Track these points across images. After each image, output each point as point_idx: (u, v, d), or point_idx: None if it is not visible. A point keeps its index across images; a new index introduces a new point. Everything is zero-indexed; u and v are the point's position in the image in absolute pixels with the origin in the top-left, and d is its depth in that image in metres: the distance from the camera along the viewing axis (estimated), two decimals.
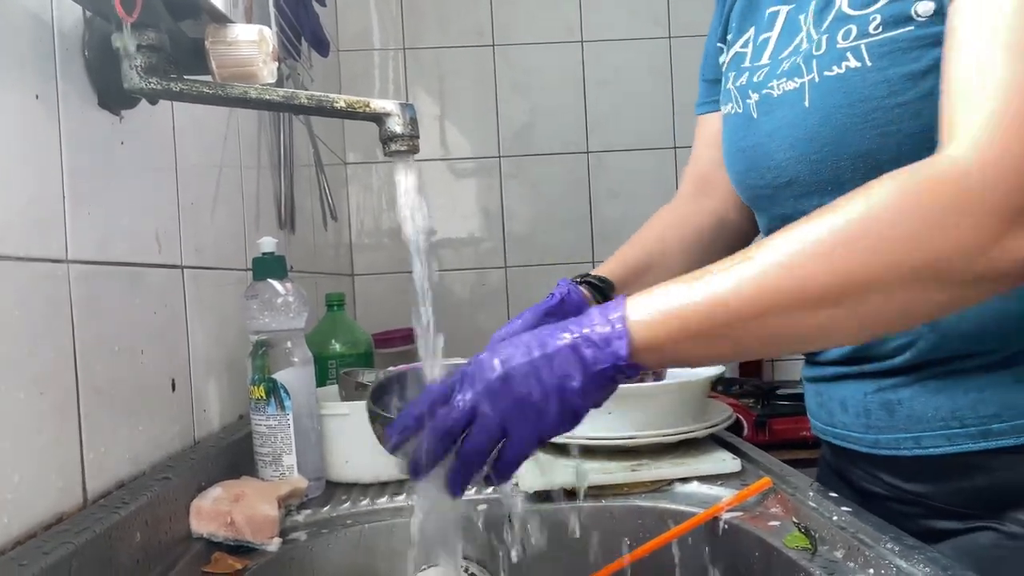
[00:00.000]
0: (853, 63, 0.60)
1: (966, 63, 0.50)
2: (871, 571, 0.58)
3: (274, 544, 0.72)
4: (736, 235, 0.89)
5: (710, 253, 0.84)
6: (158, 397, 0.76)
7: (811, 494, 0.73)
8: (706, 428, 0.90)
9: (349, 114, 0.59)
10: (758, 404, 1.69)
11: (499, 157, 2.10)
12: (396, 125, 0.58)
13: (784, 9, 0.71)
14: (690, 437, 0.88)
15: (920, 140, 0.57)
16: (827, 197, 0.62)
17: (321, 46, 1.43)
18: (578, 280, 0.78)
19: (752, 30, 0.76)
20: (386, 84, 2.09)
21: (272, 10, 1.17)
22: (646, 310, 0.52)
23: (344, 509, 0.82)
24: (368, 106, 0.59)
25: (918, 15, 0.57)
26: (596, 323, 0.52)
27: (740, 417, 1.60)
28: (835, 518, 0.66)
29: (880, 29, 0.59)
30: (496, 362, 0.52)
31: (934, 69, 0.56)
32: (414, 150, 0.59)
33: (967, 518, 0.67)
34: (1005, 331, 0.63)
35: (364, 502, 0.84)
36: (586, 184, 2.12)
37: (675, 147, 2.11)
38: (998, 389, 0.63)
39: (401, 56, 2.08)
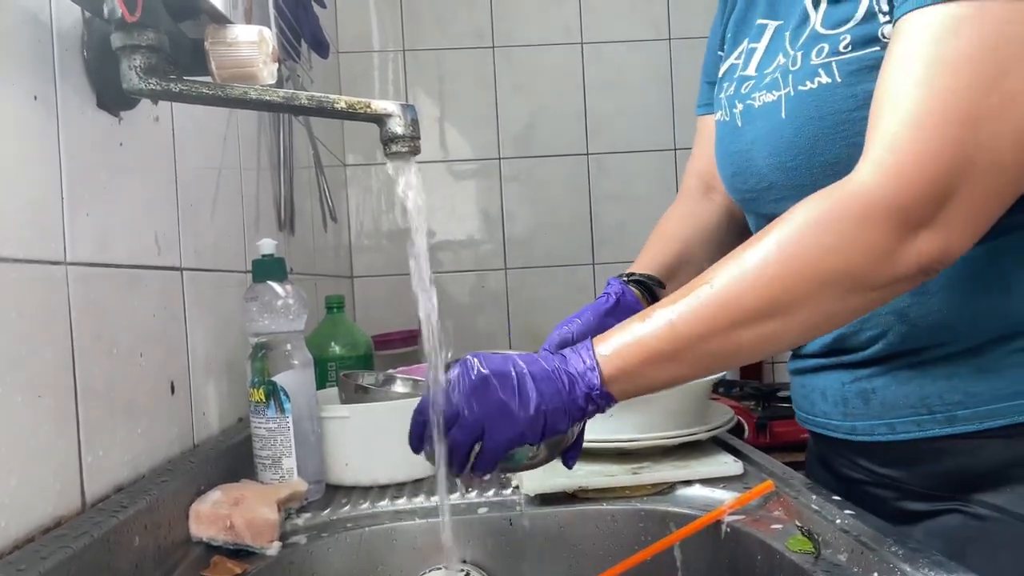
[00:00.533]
0: (824, 79, 0.65)
1: (881, 90, 0.57)
2: (875, 575, 0.58)
3: (274, 548, 0.72)
4: (743, 228, 0.90)
5: (724, 246, 0.86)
6: (157, 400, 0.76)
7: (814, 497, 0.72)
8: (707, 431, 0.89)
9: (350, 115, 0.59)
10: (759, 406, 1.68)
11: (499, 159, 2.10)
12: (397, 126, 0.58)
13: (772, 24, 0.75)
14: (692, 440, 0.88)
15: None
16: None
17: (321, 48, 1.43)
18: (625, 279, 0.82)
19: (745, 41, 0.79)
20: (386, 86, 2.09)
21: (272, 11, 1.16)
22: (611, 345, 0.60)
23: (344, 512, 0.82)
24: (369, 107, 0.59)
25: (884, 37, 0.61)
26: (571, 360, 0.61)
27: (741, 420, 1.59)
28: (838, 521, 0.65)
29: (850, 48, 0.64)
30: (483, 369, 0.60)
31: None
32: (415, 151, 0.59)
33: (936, 499, 0.71)
34: (969, 324, 0.66)
35: (364, 505, 0.83)
36: (586, 186, 2.12)
37: (675, 149, 2.11)
38: (962, 378, 0.67)
39: (401, 58, 2.08)
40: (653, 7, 2.11)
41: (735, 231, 0.91)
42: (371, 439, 0.89)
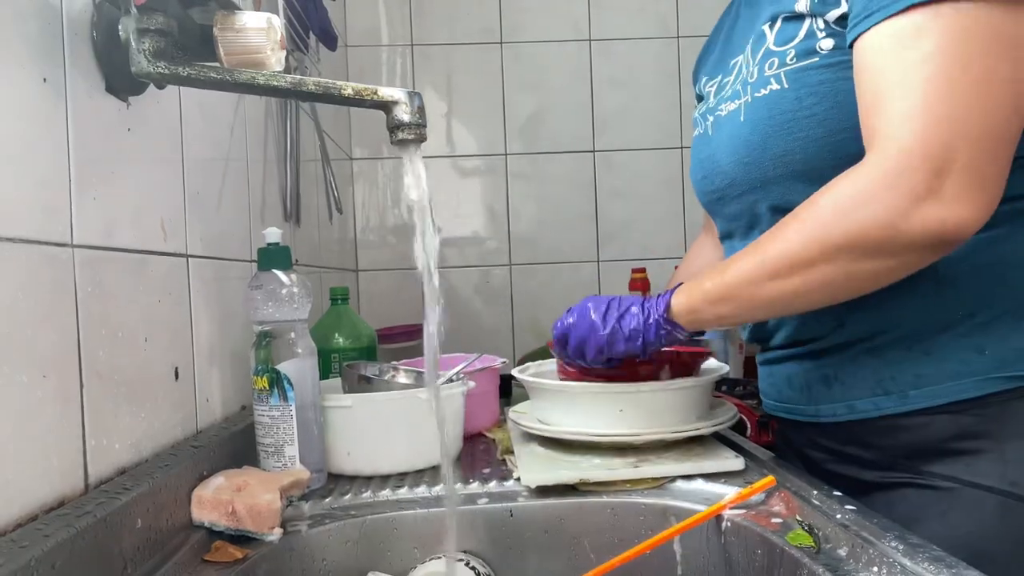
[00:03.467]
0: (775, 86, 0.77)
1: (868, 97, 0.66)
2: (875, 569, 0.57)
3: (275, 534, 0.72)
4: None
5: None
6: (161, 385, 0.76)
7: (815, 492, 0.72)
8: (710, 426, 0.89)
9: (356, 101, 0.59)
10: (761, 405, 1.68)
11: (505, 155, 2.10)
12: (403, 113, 0.58)
13: (740, 59, 0.87)
14: (694, 435, 0.88)
15: (823, 143, 0.74)
16: (758, 193, 0.82)
17: (329, 40, 1.43)
18: None
19: (719, 76, 0.92)
20: (393, 80, 2.09)
21: (281, 2, 1.17)
22: (682, 288, 0.79)
23: (345, 501, 0.82)
24: (376, 94, 0.59)
25: (821, 49, 0.74)
26: (652, 299, 0.81)
27: (743, 417, 1.59)
28: (838, 516, 0.65)
29: (794, 59, 0.76)
30: (587, 307, 0.84)
31: (834, 88, 0.73)
32: (421, 138, 0.59)
33: (892, 470, 0.79)
34: (916, 311, 0.75)
35: (366, 494, 0.83)
36: (592, 183, 2.11)
37: (682, 147, 2.11)
38: (913, 362, 0.75)
39: (409, 52, 2.08)
40: (661, 5, 2.11)
41: None
42: (373, 429, 0.89)
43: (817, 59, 0.74)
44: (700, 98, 1.00)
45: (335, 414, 0.89)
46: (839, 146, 0.73)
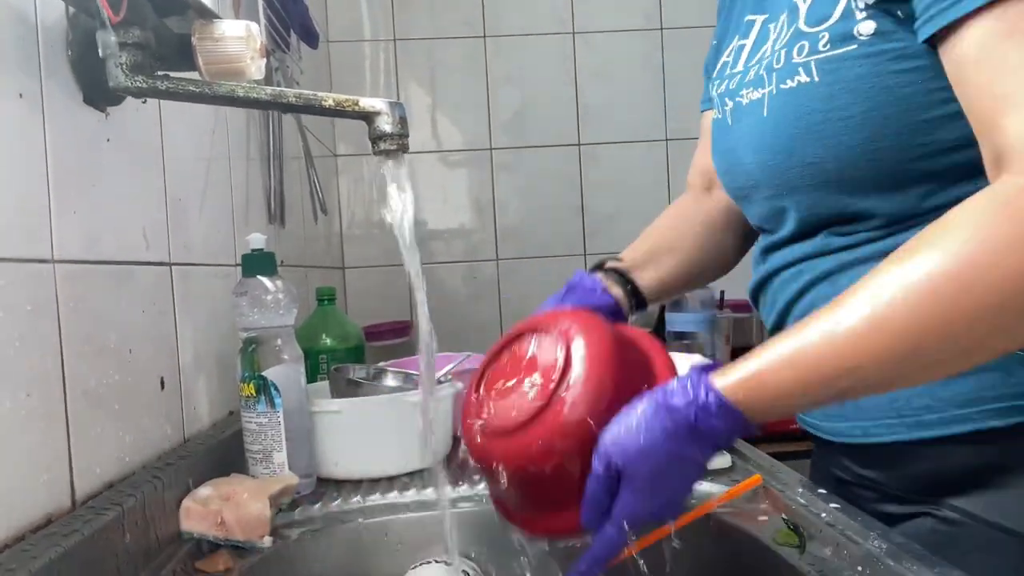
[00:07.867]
0: (804, 78, 0.64)
1: (984, 93, 0.52)
2: (859, 568, 0.58)
3: (265, 543, 0.72)
4: (743, 223, 0.90)
5: (721, 240, 0.92)
6: (147, 396, 0.76)
7: (800, 490, 0.73)
8: None
9: (338, 112, 0.59)
10: None
11: (490, 149, 2.10)
12: (385, 124, 0.58)
13: (759, 19, 0.74)
14: None
15: (860, 152, 0.62)
16: (785, 200, 0.71)
17: (310, 37, 1.42)
18: (592, 269, 0.87)
19: (736, 38, 0.79)
20: (376, 75, 2.07)
21: (260, 2, 1.15)
22: (757, 402, 0.54)
23: (336, 506, 0.82)
24: (357, 104, 0.58)
25: (860, 34, 0.61)
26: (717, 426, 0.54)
27: None
28: (823, 515, 0.66)
29: (828, 46, 0.62)
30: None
31: (875, 86, 0.61)
32: (403, 149, 0.59)
33: (910, 503, 0.71)
34: None
35: (356, 499, 0.84)
36: (578, 176, 2.11)
37: (667, 139, 2.11)
38: (929, 384, 0.66)
39: (392, 47, 2.07)
40: None
41: (733, 225, 0.92)
42: (362, 433, 0.89)
43: (855, 47, 0.61)
44: (713, 65, 0.86)
45: (324, 419, 0.89)
46: (880, 159, 0.62)
